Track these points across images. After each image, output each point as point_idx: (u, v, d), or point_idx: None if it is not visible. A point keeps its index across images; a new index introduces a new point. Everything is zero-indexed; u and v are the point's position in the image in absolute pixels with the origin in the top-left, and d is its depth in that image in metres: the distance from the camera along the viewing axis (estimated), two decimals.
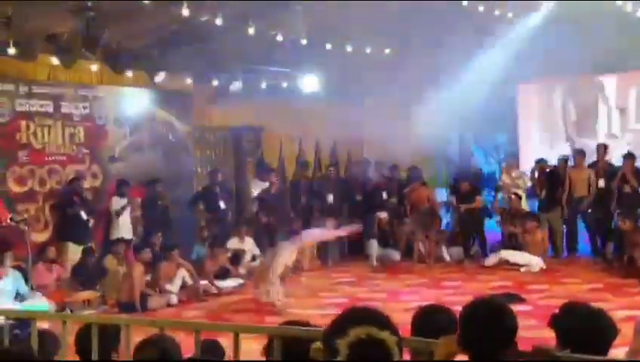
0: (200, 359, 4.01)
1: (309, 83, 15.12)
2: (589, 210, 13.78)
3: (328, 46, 13.24)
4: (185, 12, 10.52)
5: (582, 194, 13.85)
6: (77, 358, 4.33)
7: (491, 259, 13.40)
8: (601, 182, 13.75)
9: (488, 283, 12.00)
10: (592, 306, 3.72)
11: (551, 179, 14.17)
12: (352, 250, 14.99)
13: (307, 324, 4.15)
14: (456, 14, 12.13)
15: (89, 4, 10.33)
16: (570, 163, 14.20)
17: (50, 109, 12.23)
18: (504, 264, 13.18)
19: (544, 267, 12.82)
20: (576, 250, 14.11)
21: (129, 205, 12.50)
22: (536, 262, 12.89)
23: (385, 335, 2.33)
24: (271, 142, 16.01)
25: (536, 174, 14.38)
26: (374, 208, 14.61)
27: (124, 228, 12.47)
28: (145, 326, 4.71)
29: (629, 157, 13.60)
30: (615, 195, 13.46)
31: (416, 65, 13.30)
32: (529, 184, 14.47)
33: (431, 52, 13.18)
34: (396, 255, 14.26)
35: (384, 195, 14.96)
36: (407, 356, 3.68)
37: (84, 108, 12.75)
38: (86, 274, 11.26)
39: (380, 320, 2.38)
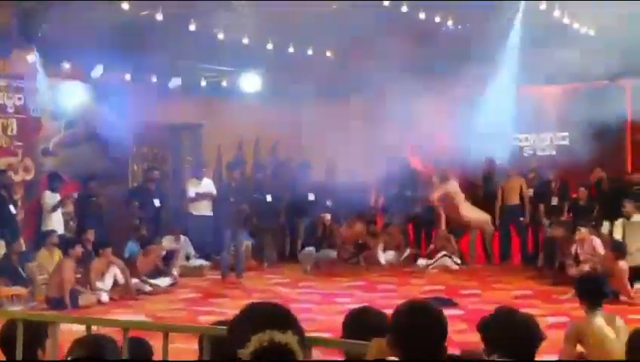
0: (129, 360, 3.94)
1: (250, 82, 15.06)
2: (521, 218, 14.05)
3: (270, 46, 13.20)
4: (125, 6, 10.38)
5: (514, 202, 14.13)
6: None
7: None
8: (531, 191, 14.08)
9: (422, 286, 12.13)
10: (520, 312, 3.78)
11: (485, 184, 14.46)
12: (292, 250, 14.95)
13: None
14: (396, 19, 12.21)
15: None
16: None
17: None
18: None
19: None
20: (508, 256, 14.36)
21: (62, 200, 12.27)
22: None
23: (288, 337, 2.28)
24: (210, 141, 15.87)
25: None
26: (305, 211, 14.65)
27: (56, 223, 12.23)
28: (72, 323, 4.61)
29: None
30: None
31: (356, 67, 13.37)
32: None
33: (371, 55, 13.24)
34: (333, 253, 14.23)
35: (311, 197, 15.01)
36: (339, 357, 3.69)
37: (19, 99, 12.46)
38: (13, 270, 11.00)
39: (282, 319, 2.33)
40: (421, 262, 13.91)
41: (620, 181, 13.50)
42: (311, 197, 15.14)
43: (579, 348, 5.67)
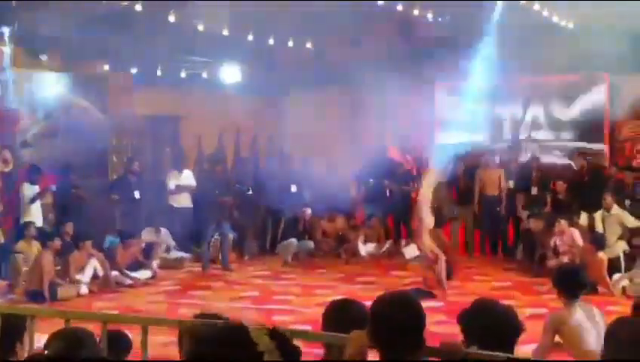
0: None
1: (230, 73, 15.01)
2: (498, 210, 14.10)
3: (250, 37, 13.16)
4: None
5: (492, 193, 14.18)
6: None
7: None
8: (511, 183, 14.15)
9: (403, 278, 12.16)
10: (499, 304, 3.80)
11: (465, 176, 14.51)
12: (273, 243, 14.91)
13: (218, 317, 4.13)
14: (376, 10, 12.21)
15: None
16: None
17: None
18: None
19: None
20: (487, 248, 14.44)
21: (43, 193, 12.19)
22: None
23: None
24: (189, 133, 15.82)
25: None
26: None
27: (35, 215, 12.14)
28: (51, 316, 4.60)
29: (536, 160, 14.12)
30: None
31: (335, 58, 13.37)
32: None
33: (350, 46, 13.26)
34: (310, 244, 14.29)
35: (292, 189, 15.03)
36: (319, 350, 3.70)
37: None
38: None
39: None
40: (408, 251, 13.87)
41: (600, 172, 13.61)
42: (292, 189, 15.13)
43: (557, 338, 5.72)
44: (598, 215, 12.31)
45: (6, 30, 10.82)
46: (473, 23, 13.26)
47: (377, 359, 3.07)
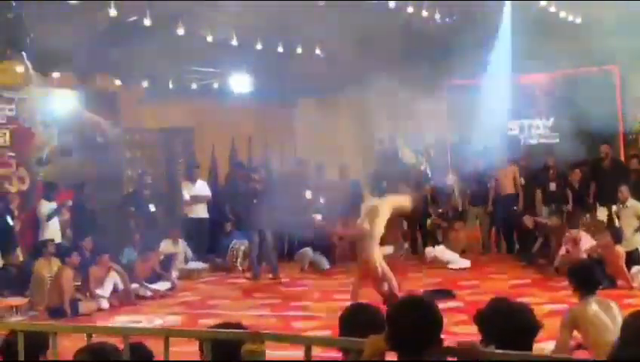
0: None
1: (241, 83, 15.07)
2: (515, 208, 14.08)
3: (259, 46, 13.22)
4: (112, 12, 10.38)
5: (508, 192, 14.17)
6: None
7: (429, 255, 13.62)
8: (522, 180, 14.17)
9: (419, 280, 12.16)
10: (515, 302, 3.82)
11: (479, 175, 14.52)
12: (290, 249, 14.92)
13: (239, 326, 4.16)
14: (384, 14, 12.24)
15: (13, 3, 10.11)
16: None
17: None
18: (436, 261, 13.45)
19: (469, 266, 13.10)
20: (503, 246, 14.44)
21: (58, 209, 12.29)
22: (460, 261, 13.20)
23: None
24: (202, 143, 15.90)
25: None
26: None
27: (54, 232, 12.24)
28: (73, 332, 4.65)
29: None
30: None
31: (344, 65, 13.41)
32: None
33: (359, 53, 13.29)
34: (324, 260, 13.88)
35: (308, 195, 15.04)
36: (337, 353, 3.73)
37: (10, 110, 12.49)
38: (11, 280, 11.02)
39: None
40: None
41: (620, 162, 13.59)
42: (307, 195, 15.14)
43: (575, 334, 5.72)
44: (614, 208, 12.28)
45: (18, 50, 10.91)
46: (482, 22, 13.29)
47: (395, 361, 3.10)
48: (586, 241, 11.45)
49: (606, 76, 14.40)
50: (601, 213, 13.12)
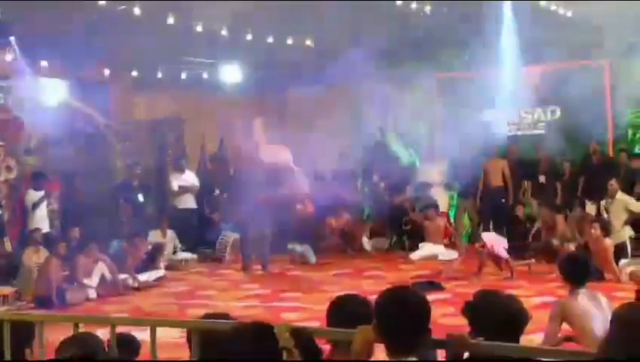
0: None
1: (230, 73, 15.02)
2: (503, 200, 14.11)
3: (249, 37, 13.16)
4: (101, 1, 10.31)
5: (497, 184, 14.19)
6: None
7: (417, 253, 13.55)
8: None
9: (409, 272, 12.18)
10: (503, 293, 3.81)
11: (468, 168, 14.53)
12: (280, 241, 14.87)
13: (226, 317, 4.15)
14: (374, 7, 12.22)
15: None
16: None
17: None
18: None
19: (456, 257, 13.13)
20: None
21: (46, 198, 12.23)
22: (447, 253, 13.22)
23: None
24: (192, 134, 15.85)
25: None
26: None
27: (41, 221, 12.18)
28: (59, 322, 4.62)
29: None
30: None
31: (334, 56, 13.38)
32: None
33: (350, 42, 13.27)
34: (313, 256, 13.68)
35: None
36: (325, 345, 3.72)
37: None
38: None
39: None
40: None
41: (609, 158, 13.63)
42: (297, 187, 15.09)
43: (564, 326, 5.73)
44: (603, 201, 12.33)
45: (6, 39, 10.84)
46: (471, 16, 13.27)
47: (384, 353, 3.09)
48: (560, 222, 11.56)
49: (596, 70, 14.41)
50: (590, 209, 13.15)
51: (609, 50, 13.33)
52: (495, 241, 11.34)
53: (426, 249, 13.50)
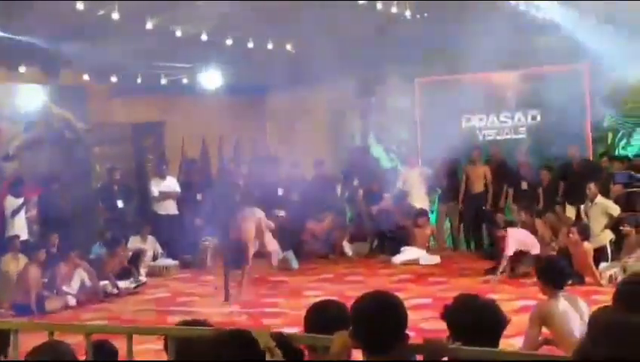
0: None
1: (211, 78, 14.98)
2: (484, 206, 14.13)
3: (229, 41, 13.12)
4: (79, 6, 10.23)
5: (479, 190, 14.22)
6: None
7: (398, 257, 13.53)
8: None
9: (390, 276, 12.17)
10: (482, 298, 3.80)
11: (450, 172, 14.55)
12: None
13: (204, 324, 4.12)
14: (355, 11, 12.20)
15: None
16: None
17: None
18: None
19: (438, 262, 13.14)
20: (472, 244, 14.48)
21: (25, 205, 12.13)
22: (429, 258, 13.22)
23: None
24: (172, 139, 15.78)
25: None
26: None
27: (20, 228, 12.07)
28: (34, 330, 4.57)
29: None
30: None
31: (315, 59, 13.37)
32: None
33: (330, 47, 13.26)
34: (295, 262, 13.62)
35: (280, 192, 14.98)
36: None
37: None
38: None
39: None
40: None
41: (589, 161, 13.68)
42: (280, 192, 15.08)
43: (544, 330, 5.73)
44: (583, 205, 12.36)
45: None
46: (452, 20, 13.30)
47: (361, 359, 3.07)
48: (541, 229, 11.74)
49: (575, 74, 14.47)
50: (570, 212, 13.18)
51: (589, 54, 13.39)
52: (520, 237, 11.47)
53: (409, 253, 13.48)
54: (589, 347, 2.35)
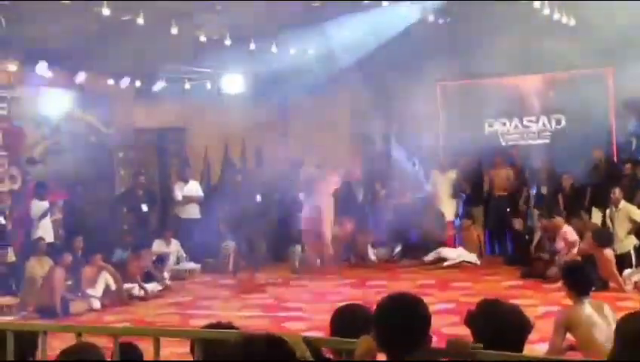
0: None
1: (233, 83, 15.03)
2: (508, 209, 14.07)
3: (252, 46, 13.18)
4: (105, 11, 10.32)
5: (502, 193, 14.16)
6: None
7: (431, 255, 13.54)
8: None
9: (414, 281, 12.13)
10: (505, 303, 3.79)
11: (474, 177, 14.51)
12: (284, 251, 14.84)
13: (230, 326, 4.14)
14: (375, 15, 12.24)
15: (6, 3, 10.06)
16: None
17: None
18: (440, 261, 13.40)
19: (478, 263, 13.13)
20: (497, 248, 14.43)
21: (50, 208, 12.24)
22: (471, 258, 13.26)
23: None
24: (196, 144, 15.86)
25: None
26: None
27: (45, 231, 12.18)
28: (62, 331, 4.61)
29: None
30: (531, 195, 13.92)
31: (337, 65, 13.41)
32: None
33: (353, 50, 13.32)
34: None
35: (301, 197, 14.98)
36: (329, 354, 3.71)
37: (2, 109, 12.40)
38: (2, 280, 10.99)
39: None
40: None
41: (615, 166, 13.58)
42: (300, 196, 15.08)
43: (568, 336, 5.71)
44: (608, 210, 12.28)
45: (9, 49, 10.87)
46: (474, 23, 13.28)
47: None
48: (568, 231, 11.66)
49: (599, 79, 14.38)
50: (596, 217, 13.09)
51: (613, 57, 13.30)
52: None
53: (455, 253, 13.51)
54: (622, 353, 2.35)
